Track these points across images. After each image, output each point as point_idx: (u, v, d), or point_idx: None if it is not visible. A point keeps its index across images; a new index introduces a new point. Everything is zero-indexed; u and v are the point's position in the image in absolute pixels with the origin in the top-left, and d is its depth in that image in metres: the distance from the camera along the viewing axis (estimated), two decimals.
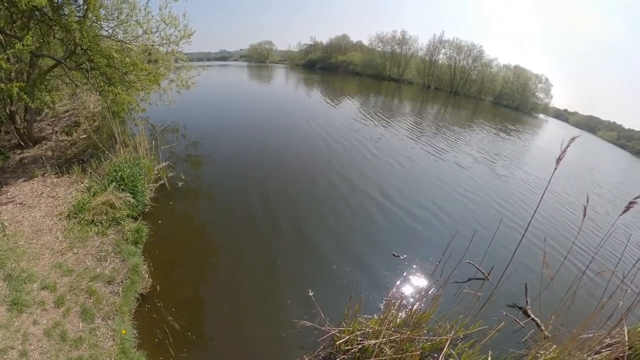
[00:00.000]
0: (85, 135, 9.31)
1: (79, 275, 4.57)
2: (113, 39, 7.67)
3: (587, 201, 3.12)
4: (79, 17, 6.58)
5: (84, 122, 10.03)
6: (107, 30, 7.50)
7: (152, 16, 8.03)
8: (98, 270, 4.74)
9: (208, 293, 4.95)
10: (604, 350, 3.83)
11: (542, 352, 3.79)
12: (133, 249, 5.28)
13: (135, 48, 8.16)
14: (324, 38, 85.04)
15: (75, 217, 5.68)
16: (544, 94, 60.03)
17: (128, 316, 4.20)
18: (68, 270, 4.60)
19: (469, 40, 63.02)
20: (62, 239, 5.20)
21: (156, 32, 8.30)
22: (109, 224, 5.70)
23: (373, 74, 64.04)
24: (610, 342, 4.00)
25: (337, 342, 3.88)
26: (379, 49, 65.87)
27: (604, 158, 33.09)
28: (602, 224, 10.10)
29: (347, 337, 3.87)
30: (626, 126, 69.17)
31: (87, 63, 6.95)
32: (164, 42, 8.80)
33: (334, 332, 4.13)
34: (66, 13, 6.34)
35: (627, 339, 3.66)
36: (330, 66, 69.67)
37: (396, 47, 63.99)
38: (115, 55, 7.05)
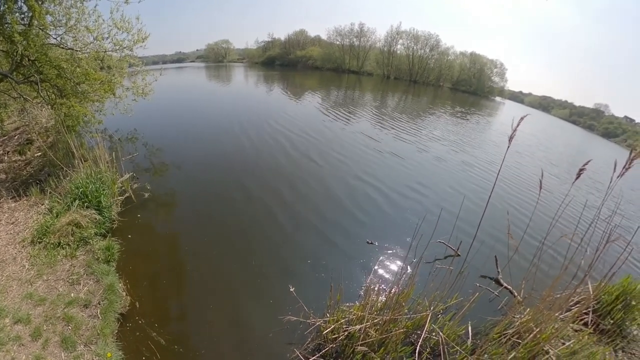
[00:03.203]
0: (40, 153, 8.64)
1: (52, 303, 4.30)
2: (62, 47, 7.17)
3: (542, 175, 3.38)
4: (23, 25, 6.08)
5: (38, 139, 9.31)
6: (55, 38, 6.98)
7: (104, 20, 7.59)
8: (72, 294, 4.48)
9: (189, 303, 4.84)
10: (573, 307, 4.22)
11: (517, 317, 4.10)
12: (106, 268, 5.03)
13: (86, 56, 7.68)
14: (282, 34, 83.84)
15: (40, 242, 5.29)
16: (499, 78, 63.79)
17: (111, 338, 4.02)
18: (40, 300, 4.31)
19: (425, 30, 65.20)
20: (28, 267, 4.84)
21: (108, 37, 7.84)
22: (77, 245, 5.37)
23: (333, 68, 64.51)
24: (578, 299, 4.41)
25: (324, 332, 3.94)
26: (338, 43, 66.30)
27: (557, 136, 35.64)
28: (559, 196, 11.00)
29: (333, 326, 3.94)
30: (577, 103, 75.68)
31: (35, 75, 6.45)
32: (117, 47, 8.36)
33: (319, 323, 4.20)
34: (8, 22, 5.83)
35: (591, 292, 4.06)
36: (289, 62, 69.04)
37: (354, 39, 64.85)
38: (65, 66, 6.62)
